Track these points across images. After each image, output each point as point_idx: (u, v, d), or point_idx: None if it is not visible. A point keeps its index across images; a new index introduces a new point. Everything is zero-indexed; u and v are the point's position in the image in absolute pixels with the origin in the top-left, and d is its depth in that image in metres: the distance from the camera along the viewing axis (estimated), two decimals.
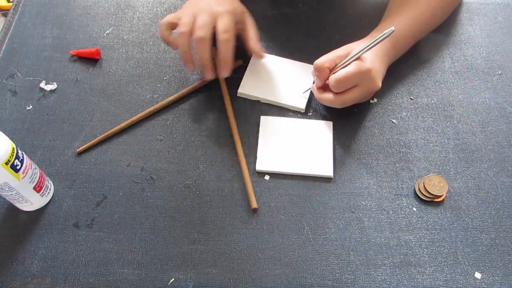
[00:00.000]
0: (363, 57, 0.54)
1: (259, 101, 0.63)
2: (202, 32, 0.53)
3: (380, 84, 0.55)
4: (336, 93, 0.55)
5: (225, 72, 0.57)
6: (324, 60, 0.55)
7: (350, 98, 0.55)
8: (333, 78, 0.53)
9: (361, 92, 0.55)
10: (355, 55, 0.53)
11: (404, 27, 0.60)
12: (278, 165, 0.57)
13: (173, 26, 0.58)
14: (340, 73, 0.53)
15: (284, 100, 0.62)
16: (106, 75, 0.65)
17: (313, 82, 0.60)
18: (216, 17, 0.55)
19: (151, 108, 0.61)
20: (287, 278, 0.50)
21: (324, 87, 0.58)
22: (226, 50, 0.55)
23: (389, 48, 0.59)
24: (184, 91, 0.63)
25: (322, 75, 0.56)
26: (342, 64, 0.55)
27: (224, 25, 0.54)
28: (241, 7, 0.60)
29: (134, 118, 0.60)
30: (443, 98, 0.63)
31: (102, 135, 0.59)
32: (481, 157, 0.58)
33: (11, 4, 0.84)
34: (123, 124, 0.60)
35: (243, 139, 0.59)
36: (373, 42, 0.52)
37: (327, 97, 0.56)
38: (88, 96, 0.63)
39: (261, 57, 0.62)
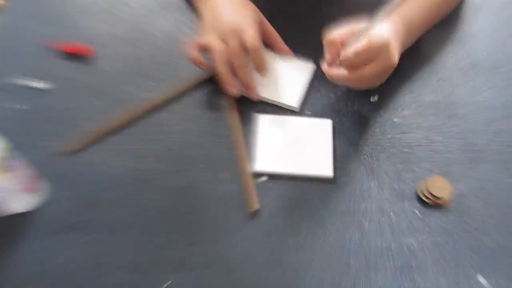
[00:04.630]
0: (377, 32, 0.51)
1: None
2: (239, 59, 0.57)
3: (397, 61, 0.53)
4: (350, 70, 0.53)
5: (264, 74, 0.60)
6: (336, 33, 0.54)
7: (366, 73, 0.52)
8: (348, 51, 0.51)
9: (376, 69, 0.52)
10: (365, 30, 0.51)
11: (416, 11, 0.59)
12: (276, 165, 0.56)
13: (201, 48, 0.59)
14: (357, 46, 0.50)
15: (277, 98, 0.61)
16: (101, 73, 0.64)
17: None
18: (242, 35, 0.57)
19: (147, 108, 0.60)
20: (285, 281, 0.49)
21: (333, 64, 0.56)
22: (259, 59, 0.58)
23: (402, 31, 0.56)
24: (181, 90, 0.62)
25: (333, 49, 0.54)
26: (356, 39, 0.52)
27: (251, 43, 0.57)
28: (256, 11, 0.61)
29: (130, 117, 0.59)
30: (446, 96, 0.62)
31: (97, 135, 0.58)
32: (486, 157, 0.57)
33: (3, 3, 0.83)
34: (118, 124, 0.59)
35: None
36: (382, 14, 0.49)
37: (341, 74, 0.54)
38: (83, 95, 0.62)
39: (290, 56, 0.63)
